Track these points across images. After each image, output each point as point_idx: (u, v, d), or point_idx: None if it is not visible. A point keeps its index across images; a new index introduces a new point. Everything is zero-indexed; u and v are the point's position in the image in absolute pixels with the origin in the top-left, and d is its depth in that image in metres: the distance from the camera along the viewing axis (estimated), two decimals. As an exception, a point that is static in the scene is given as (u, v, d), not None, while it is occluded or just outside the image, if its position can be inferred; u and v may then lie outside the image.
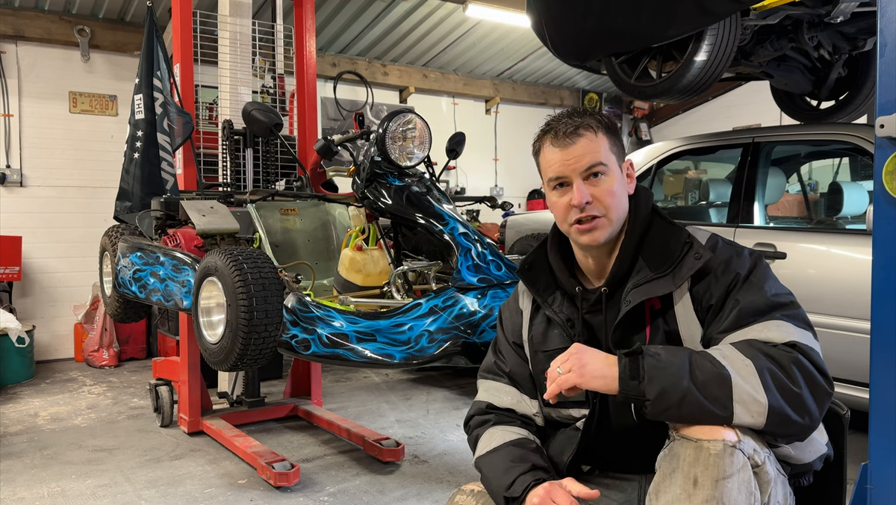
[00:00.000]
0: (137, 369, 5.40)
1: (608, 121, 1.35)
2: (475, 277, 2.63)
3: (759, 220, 3.56)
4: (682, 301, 1.27)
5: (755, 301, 1.21)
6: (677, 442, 1.13)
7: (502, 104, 8.22)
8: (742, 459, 1.09)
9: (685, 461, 1.10)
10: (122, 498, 2.88)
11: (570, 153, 1.30)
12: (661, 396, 1.12)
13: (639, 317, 1.30)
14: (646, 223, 1.35)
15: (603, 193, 1.30)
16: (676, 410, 1.12)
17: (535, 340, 1.44)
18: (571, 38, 3.56)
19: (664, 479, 1.12)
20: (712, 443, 1.09)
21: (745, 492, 1.08)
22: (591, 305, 1.37)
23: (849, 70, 3.67)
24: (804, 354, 1.16)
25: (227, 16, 4.22)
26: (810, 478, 1.32)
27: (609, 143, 1.32)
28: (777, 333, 1.18)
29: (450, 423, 3.91)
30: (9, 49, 5.53)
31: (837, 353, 2.99)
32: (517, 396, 1.46)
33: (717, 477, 1.07)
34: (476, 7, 5.89)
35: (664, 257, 1.29)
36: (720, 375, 1.12)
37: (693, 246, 1.28)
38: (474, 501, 1.37)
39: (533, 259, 1.46)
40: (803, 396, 1.12)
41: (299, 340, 2.46)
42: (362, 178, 2.87)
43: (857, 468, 1.36)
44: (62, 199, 5.74)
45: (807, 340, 1.18)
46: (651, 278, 1.28)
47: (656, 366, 1.14)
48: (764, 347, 1.16)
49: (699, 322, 1.26)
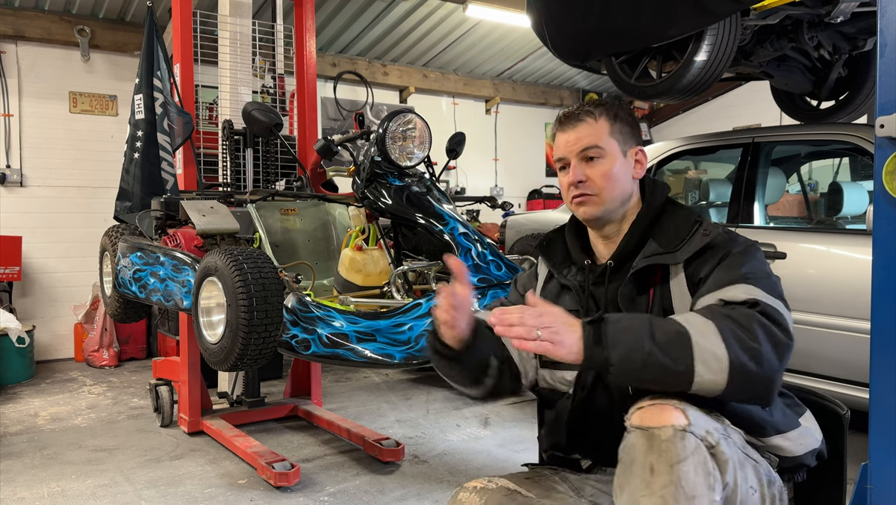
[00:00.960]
0: (137, 369, 5.41)
1: (617, 110, 1.42)
2: (475, 277, 2.63)
3: (759, 220, 3.56)
4: (677, 277, 1.32)
5: (731, 271, 1.26)
6: (631, 433, 1.15)
7: (502, 104, 8.23)
8: (694, 442, 1.10)
9: (640, 451, 1.12)
10: (122, 498, 2.88)
11: (570, 136, 1.41)
12: (624, 360, 1.13)
13: (642, 284, 1.36)
14: (658, 210, 1.42)
15: (596, 175, 1.39)
16: (639, 372, 1.14)
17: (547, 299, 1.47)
18: (571, 38, 3.56)
19: (625, 471, 1.14)
20: (662, 429, 1.11)
21: (703, 473, 1.09)
22: (596, 276, 1.43)
23: (849, 70, 3.67)
24: (764, 312, 1.17)
25: (227, 16, 4.22)
26: (804, 474, 1.32)
27: (610, 129, 1.40)
28: (741, 293, 1.21)
29: (450, 423, 3.92)
30: (9, 49, 5.53)
31: (837, 353, 2.99)
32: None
33: (671, 462, 1.08)
34: (476, 7, 5.89)
35: (673, 236, 1.35)
36: (680, 333, 1.14)
37: (702, 224, 1.34)
38: (478, 497, 1.37)
39: (551, 237, 1.56)
40: (762, 350, 1.13)
41: (299, 340, 2.47)
42: (362, 178, 2.87)
43: (857, 468, 1.36)
44: (62, 199, 5.74)
45: (772, 302, 1.20)
46: (659, 252, 1.34)
47: (618, 330, 1.15)
48: (724, 308, 1.19)
49: (690, 296, 1.31)
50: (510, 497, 1.37)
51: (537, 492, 1.40)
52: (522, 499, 1.37)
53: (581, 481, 1.43)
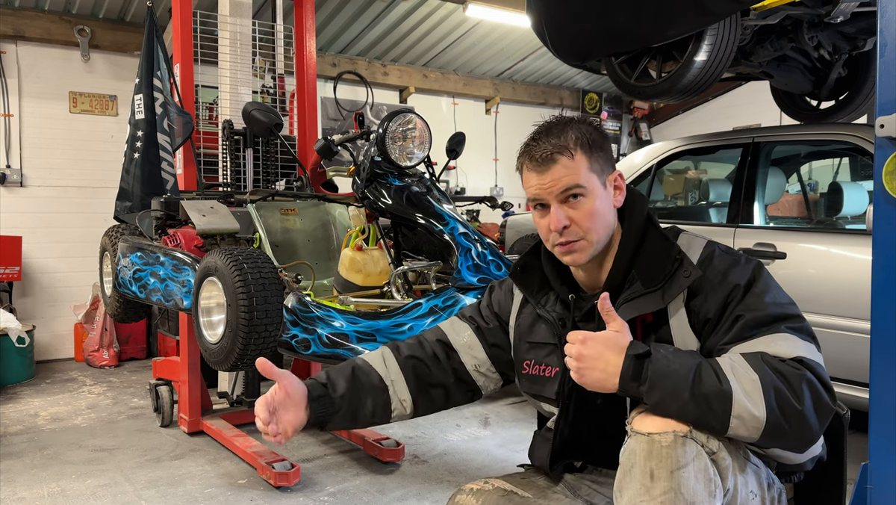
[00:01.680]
0: (137, 369, 5.40)
1: (590, 136, 1.30)
2: (475, 276, 2.63)
3: (759, 221, 3.56)
4: (678, 315, 1.26)
5: (759, 313, 1.20)
6: (632, 437, 1.14)
7: (502, 104, 8.22)
8: (695, 448, 1.10)
9: (640, 456, 1.11)
10: (122, 498, 2.88)
11: (546, 178, 1.28)
12: (658, 405, 1.13)
13: (630, 329, 1.27)
14: (640, 234, 1.33)
15: (581, 217, 1.28)
16: (668, 414, 1.13)
17: (522, 328, 1.46)
18: (571, 38, 3.56)
19: (625, 475, 1.13)
20: (663, 435, 1.10)
21: (704, 479, 1.08)
22: (584, 313, 1.37)
23: (849, 70, 3.67)
24: (811, 370, 1.14)
25: (227, 16, 4.22)
26: (801, 475, 1.32)
27: (588, 163, 1.28)
28: (785, 348, 1.16)
29: (450, 423, 3.92)
30: (9, 49, 5.53)
31: (837, 353, 2.98)
32: (475, 342, 1.49)
33: (671, 468, 1.08)
34: (476, 7, 5.89)
35: (656, 271, 1.27)
36: (722, 391, 1.11)
37: (683, 263, 1.25)
38: (474, 499, 1.37)
39: (525, 262, 1.46)
40: (805, 413, 1.10)
41: (299, 339, 2.47)
42: (362, 178, 2.87)
43: (857, 468, 1.36)
44: (62, 199, 5.74)
45: (812, 354, 1.17)
46: (642, 293, 1.27)
47: (660, 373, 1.13)
48: (773, 361, 1.14)
49: (695, 335, 1.24)
50: (507, 498, 1.37)
51: (533, 492, 1.40)
52: (519, 499, 1.38)
53: (577, 481, 1.44)
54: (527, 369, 1.43)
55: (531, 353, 1.43)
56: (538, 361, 1.41)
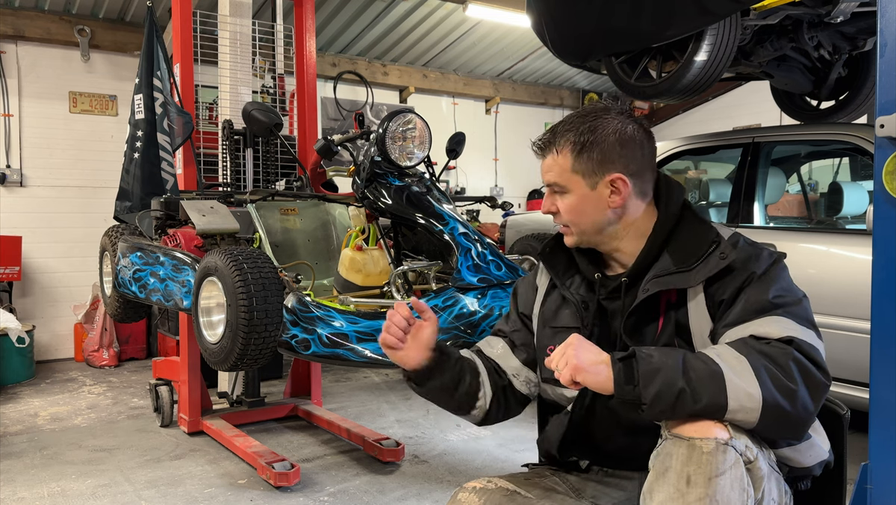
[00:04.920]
0: (137, 369, 5.41)
1: (587, 139, 1.33)
2: (475, 276, 2.63)
3: (759, 220, 3.55)
4: (696, 298, 1.28)
5: (760, 298, 1.22)
6: (669, 441, 1.13)
7: (502, 104, 8.22)
8: (734, 456, 1.09)
9: (678, 460, 1.10)
10: (122, 498, 2.88)
11: (542, 166, 1.42)
12: (656, 399, 1.13)
13: (653, 307, 1.32)
14: (675, 219, 1.37)
15: (563, 208, 1.39)
16: (671, 409, 1.13)
17: (546, 315, 1.48)
18: (571, 38, 3.56)
19: (657, 478, 1.12)
20: (704, 441, 1.09)
21: (739, 488, 1.08)
22: (609, 291, 1.39)
23: (849, 70, 3.67)
24: (800, 349, 1.16)
25: (227, 16, 4.22)
26: (808, 483, 1.32)
27: (573, 164, 1.34)
28: (776, 329, 1.18)
29: (450, 423, 3.91)
30: (9, 49, 5.53)
31: (837, 353, 2.98)
32: (507, 352, 1.53)
33: (710, 475, 1.07)
34: (476, 7, 5.89)
35: (689, 253, 1.31)
36: (713, 371, 1.12)
37: (720, 245, 1.29)
38: (477, 498, 1.37)
39: (555, 243, 1.50)
40: (798, 392, 1.12)
41: (299, 339, 2.46)
42: (362, 178, 2.87)
43: (857, 468, 1.36)
44: (62, 199, 5.74)
45: (806, 336, 1.18)
46: (672, 271, 1.29)
47: (650, 370, 1.14)
48: (758, 344, 1.16)
49: (710, 318, 1.27)
50: (510, 498, 1.37)
51: (537, 493, 1.39)
52: (522, 499, 1.37)
53: (581, 482, 1.43)
54: (549, 355, 1.43)
55: (555, 338, 1.43)
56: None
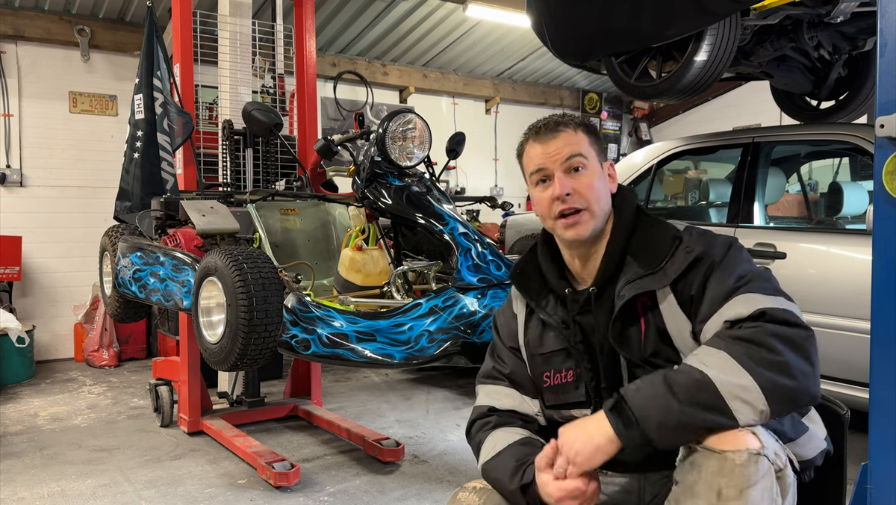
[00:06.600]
0: (137, 369, 5.40)
1: (588, 124, 1.41)
2: (475, 276, 2.63)
3: (759, 221, 3.56)
4: (667, 299, 1.28)
5: (725, 283, 1.23)
6: (699, 453, 1.12)
7: (502, 104, 8.22)
8: (766, 466, 1.09)
9: (709, 472, 1.09)
10: (122, 498, 2.88)
11: (551, 146, 1.35)
12: (660, 430, 1.12)
13: (631, 314, 1.31)
14: (631, 223, 1.37)
15: (583, 186, 1.34)
16: (680, 433, 1.12)
17: (532, 343, 1.45)
18: (571, 38, 3.56)
19: (685, 491, 1.11)
20: (737, 453, 1.08)
21: (768, 498, 1.08)
22: (580, 305, 1.38)
23: (849, 70, 3.67)
24: (774, 318, 1.15)
25: (227, 16, 4.22)
26: (811, 473, 1.32)
27: (589, 141, 1.38)
28: (744, 307, 1.18)
29: (450, 423, 3.91)
30: (9, 49, 5.53)
31: (837, 353, 2.99)
32: (518, 398, 1.46)
33: (742, 486, 1.07)
34: (476, 7, 5.89)
35: (655, 254, 1.31)
36: (699, 381, 1.12)
37: (683, 241, 1.30)
38: (477, 497, 1.37)
39: (524, 264, 1.48)
40: (789, 361, 1.11)
41: (299, 339, 2.46)
42: (362, 178, 2.87)
43: (857, 468, 1.36)
44: (62, 199, 5.74)
45: (776, 303, 1.18)
46: (643, 274, 1.29)
47: (640, 405, 1.14)
48: (732, 331, 1.17)
49: (686, 316, 1.27)
50: (510, 497, 1.37)
51: (537, 492, 1.39)
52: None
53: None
54: (548, 382, 1.42)
55: (548, 364, 1.41)
56: (557, 370, 1.40)
